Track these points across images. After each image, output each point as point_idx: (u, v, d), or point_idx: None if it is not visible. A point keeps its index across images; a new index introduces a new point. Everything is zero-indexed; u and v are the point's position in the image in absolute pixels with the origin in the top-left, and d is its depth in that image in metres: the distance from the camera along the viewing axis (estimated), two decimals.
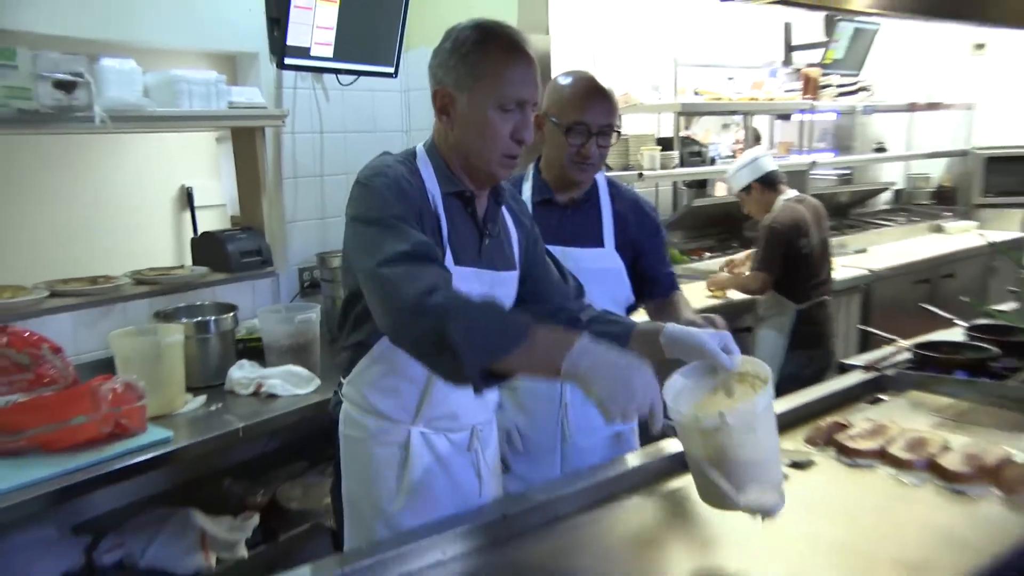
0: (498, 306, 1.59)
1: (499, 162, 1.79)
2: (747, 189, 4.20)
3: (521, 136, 1.77)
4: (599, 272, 2.39)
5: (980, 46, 7.10)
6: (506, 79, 1.72)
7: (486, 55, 1.73)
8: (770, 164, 4.20)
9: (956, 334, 2.98)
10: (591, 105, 2.30)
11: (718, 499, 1.60)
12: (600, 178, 2.49)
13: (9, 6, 2.79)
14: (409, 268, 1.56)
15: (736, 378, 1.68)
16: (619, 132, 2.42)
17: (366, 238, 1.67)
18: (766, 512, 1.54)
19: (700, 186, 5.81)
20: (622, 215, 2.50)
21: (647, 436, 2.49)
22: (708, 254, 5.21)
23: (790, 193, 4.18)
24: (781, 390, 2.39)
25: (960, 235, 6.62)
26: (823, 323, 4.16)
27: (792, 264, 4.03)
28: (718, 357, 1.65)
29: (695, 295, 4.44)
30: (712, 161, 5.11)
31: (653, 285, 2.52)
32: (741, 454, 1.54)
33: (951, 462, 1.89)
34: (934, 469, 1.90)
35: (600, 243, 2.45)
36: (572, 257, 2.30)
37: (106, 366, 2.78)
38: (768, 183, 4.16)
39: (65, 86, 2.60)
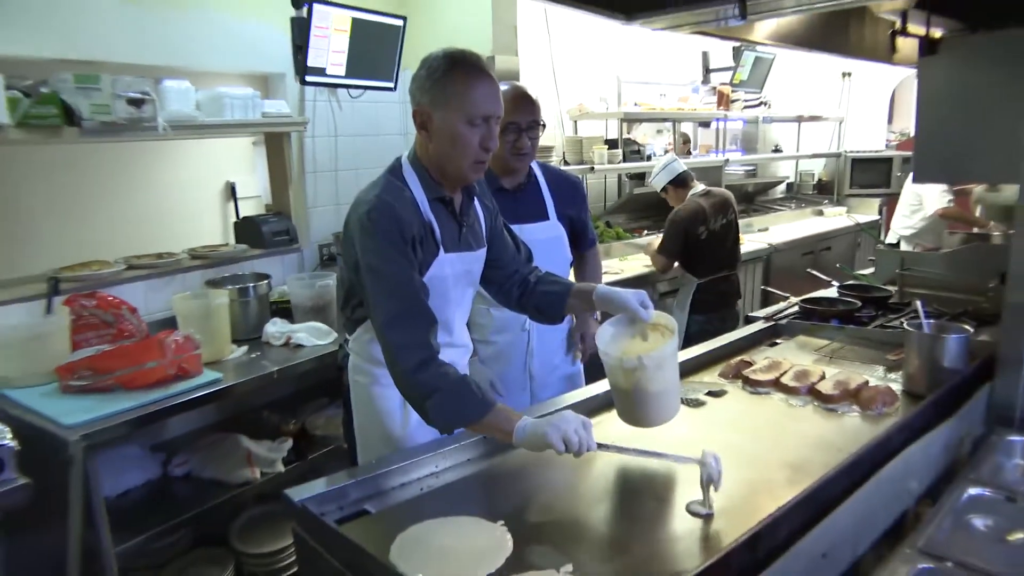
0: (469, 387, 1.59)
1: (470, 167, 1.73)
2: (664, 189, 4.19)
3: (488, 145, 1.71)
4: (547, 241, 2.41)
5: (847, 74, 7.35)
6: (472, 99, 1.66)
7: (455, 79, 1.66)
8: (679, 167, 4.14)
9: (832, 292, 3.05)
10: (519, 108, 2.29)
11: (633, 419, 1.69)
12: (534, 164, 2.49)
13: (95, 42, 2.78)
14: (404, 334, 1.61)
15: (650, 327, 1.72)
16: (544, 125, 2.39)
17: (373, 287, 1.66)
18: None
19: (639, 178, 5.83)
20: (556, 190, 2.50)
21: (591, 377, 2.56)
22: (646, 232, 5.23)
23: (699, 187, 4.13)
24: (693, 343, 2.46)
25: (835, 217, 6.76)
26: (725, 293, 4.11)
27: (692, 247, 3.99)
28: (637, 311, 1.69)
29: (636, 264, 4.52)
30: (649, 158, 5.11)
31: (579, 242, 2.56)
32: (652, 387, 1.61)
33: (825, 387, 1.97)
34: (813, 393, 1.99)
35: (545, 216, 2.46)
36: (526, 231, 2.31)
37: (170, 323, 2.77)
38: (679, 183, 4.11)
39: (136, 103, 2.59)
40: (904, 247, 5.32)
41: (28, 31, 2.63)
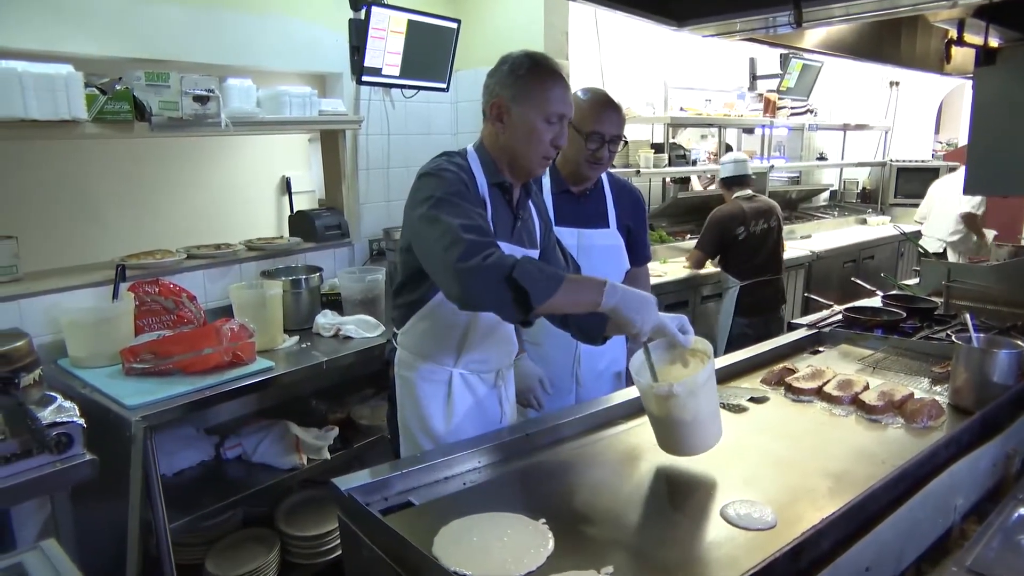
0: (538, 261, 1.60)
1: (539, 162, 1.78)
2: (721, 184, 4.31)
3: (558, 143, 1.76)
4: (606, 248, 2.36)
5: (895, 83, 7.17)
6: (552, 97, 1.72)
7: (537, 78, 1.72)
8: (731, 171, 4.25)
9: (875, 301, 2.97)
10: (605, 117, 2.23)
11: (669, 447, 1.62)
12: (602, 173, 2.44)
13: (166, 42, 2.84)
14: (478, 237, 1.52)
15: (689, 352, 1.66)
16: (626, 141, 2.37)
17: (440, 216, 1.57)
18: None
19: (684, 182, 5.78)
20: (619, 201, 2.45)
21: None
22: (688, 236, 5.18)
23: (746, 192, 4.17)
24: (734, 345, 2.40)
25: (878, 226, 6.58)
26: (768, 297, 4.11)
27: (730, 247, 4.04)
28: (676, 336, 1.63)
29: (678, 267, 4.48)
30: (694, 163, 5.06)
31: (634, 256, 2.49)
32: (686, 415, 1.55)
33: (869, 398, 1.91)
34: (857, 403, 1.93)
35: (607, 224, 2.41)
36: (586, 236, 2.27)
37: (226, 311, 2.82)
38: (727, 183, 4.25)
39: (201, 100, 2.64)
40: (951, 255, 5.27)
41: (106, 33, 2.71)
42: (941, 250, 5.72)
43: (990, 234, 5.63)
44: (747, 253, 4.05)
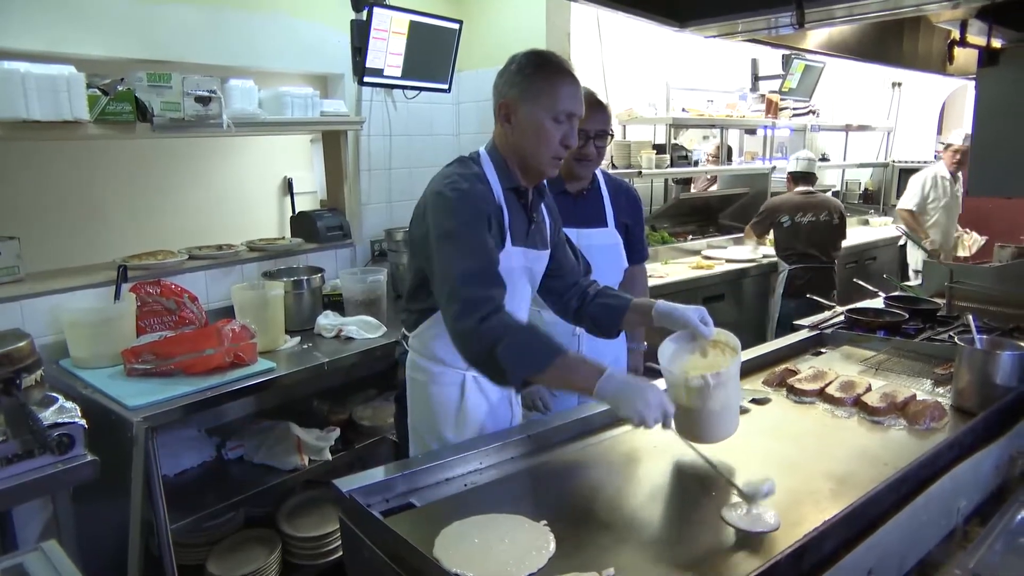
0: (538, 333, 1.56)
1: (549, 162, 1.75)
2: (788, 176, 4.75)
3: (568, 142, 1.73)
4: (604, 247, 2.37)
5: (898, 83, 7.17)
6: (560, 96, 1.69)
7: (545, 76, 1.69)
8: (802, 167, 4.67)
9: (878, 303, 2.96)
10: (590, 115, 2.19)
11: (692, 436, 1.63)
12: (598, 172, 2.45)
13: (169, 43, 2.84)
14: (478, 289, 1.55)
15: (711, 344, 1.68)
16: (612, 135, 2.35)
17: (447, 249, 1.61)
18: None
19: (686, 183, 5.77)
20: (617, 200, 2.46)
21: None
22: (691, 237, 5.16)
23: (806, 188, 4.59)
24: (782, 323, 2.38)
25: (881, 227, 6.56)
26: (815, 283, 4.29)
27: (776, 231, 4.49)
28: (698, 328, 1.64)
29: (682, 268, 4.52)
30: (696, 163, 5.05)
31: (632, 254, 2.49)
32: (713, 405, 1.57)
33: (872, 400, 1.90)
34: (859, 405, 1.92)
35: (604, 223, 2.41)
36: (585, 236, 2.27)
37: (228, 312, 2.83)
38: (794, 177, 4.69)
39: (203, 100, 2.64)
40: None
41: (108, 34, 2.71)
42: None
43: (972, 237, 5.76)
44: (790, 240, 4.47)
